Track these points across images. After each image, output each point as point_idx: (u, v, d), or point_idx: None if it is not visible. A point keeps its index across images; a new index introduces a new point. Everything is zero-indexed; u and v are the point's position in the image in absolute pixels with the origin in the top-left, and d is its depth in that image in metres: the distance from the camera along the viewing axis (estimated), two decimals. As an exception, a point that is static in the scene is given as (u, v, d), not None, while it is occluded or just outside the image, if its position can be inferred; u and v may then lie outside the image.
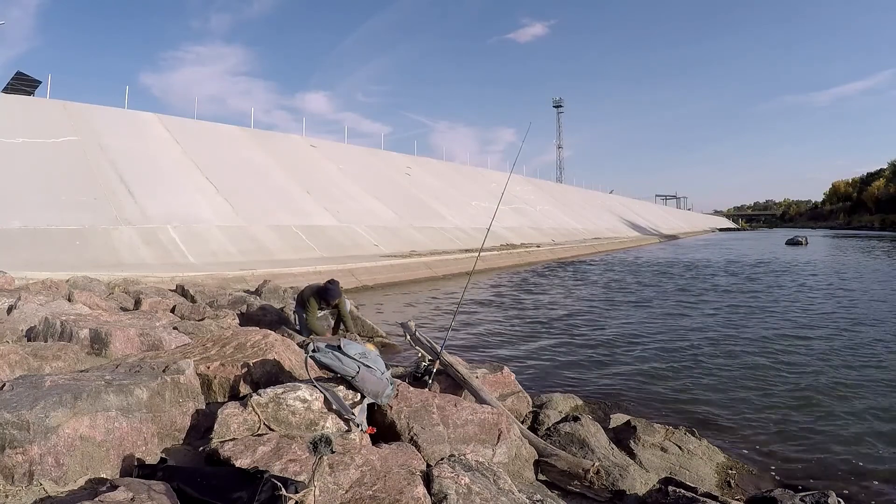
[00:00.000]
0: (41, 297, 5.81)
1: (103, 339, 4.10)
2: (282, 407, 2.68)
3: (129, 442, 2.46)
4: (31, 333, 4.45)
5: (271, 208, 17.73)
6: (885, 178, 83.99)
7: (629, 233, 46.63)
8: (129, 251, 12.13)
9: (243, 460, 2.27)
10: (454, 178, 34.69)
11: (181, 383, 2.89)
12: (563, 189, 56.13)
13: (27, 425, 2.15)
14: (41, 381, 2.53)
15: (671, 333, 7.91)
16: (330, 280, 5.82)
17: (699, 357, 6.48)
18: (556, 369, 6.07)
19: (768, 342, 7.20)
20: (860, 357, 6.38)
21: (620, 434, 3.74)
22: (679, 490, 2.62)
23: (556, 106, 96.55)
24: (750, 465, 3.63)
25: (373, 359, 3.01)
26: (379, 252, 17.05)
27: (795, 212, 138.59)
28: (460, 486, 2.25)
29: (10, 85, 23.14)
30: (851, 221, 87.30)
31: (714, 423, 4.40)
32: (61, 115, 17.37)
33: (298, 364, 3.60)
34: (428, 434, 2.84)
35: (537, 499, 2.50)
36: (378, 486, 2.19)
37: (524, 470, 3.05)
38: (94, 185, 14.52)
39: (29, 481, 2.11)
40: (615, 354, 6.70)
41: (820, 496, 2.54)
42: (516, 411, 3.91)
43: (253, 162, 21.44)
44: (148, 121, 20.53)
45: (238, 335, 3.87)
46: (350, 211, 20.71)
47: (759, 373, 5.76)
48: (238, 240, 14.71)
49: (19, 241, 11.00)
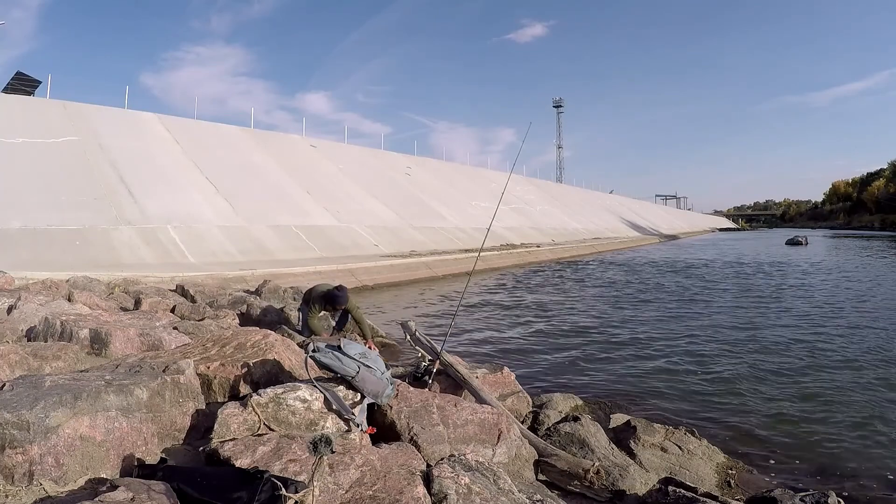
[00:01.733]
0: (41, 297, 5.81)
1: (103, 339, 4.10)
2: (282, 407, 2.68)
3: (129, 442, 2.46)
4: (31, 333, 4.44)
5: (271, 208, 17.74)
6: (885, 178, 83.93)
7: (629, 233, 46.62)
8: (129, 251, 12.13)
9: (243, 460, 2.27)
10: (454, 178, 34.69)
11: (181, 383, 2.89)
12: (563, 189, 56.14)
13: (27, 425, 2.15)
14: (41, 381, 2.53)
15: (671, 333, 7.91)
16: (339, 286, 5.77)
17: (699, 357, 6.48)
18: (556, 369, 6.07)
19: (768, 342, 7.20)
20: (861, 357, 6.38)
21: (620, 434, 3.74)
22: (679, 490, 2.62)
23: (556, 106, 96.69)
24: (750, 465, 3.63)
25: (373, 359, 3.01)
26: (379, 252, 17.05)
27: (795, 212, 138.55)
28: (460, 486, 2.25)
29: (10, 85, 23.15)
30: (851, 221, 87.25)
31: (714, 423, 4.40)
32: (61, 115, 17.37)
33: (298, 364, 3.60)
34: (428, 434, 2.84)
35: (537, 499, 2.50)
36: (378, 486, 2.19)
37: (524, 470, 3.05)
38: (93, 185, 14.52)
39: (29, 481, 2.11)
40: (615, 354, 6.69)
41: (820, 496, 2.54)
42: (516, 411, 3.91)
43: (253, 162, 21.44)
44: (148, 121, 20.53)
45: (238, 335, 3.87)
46: (350, 211, 20.71)
47: (759, 373, 5.76)
48: (238, 240, 14.72)
49: (19, 241, 11.00)
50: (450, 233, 23.08)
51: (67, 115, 17.60)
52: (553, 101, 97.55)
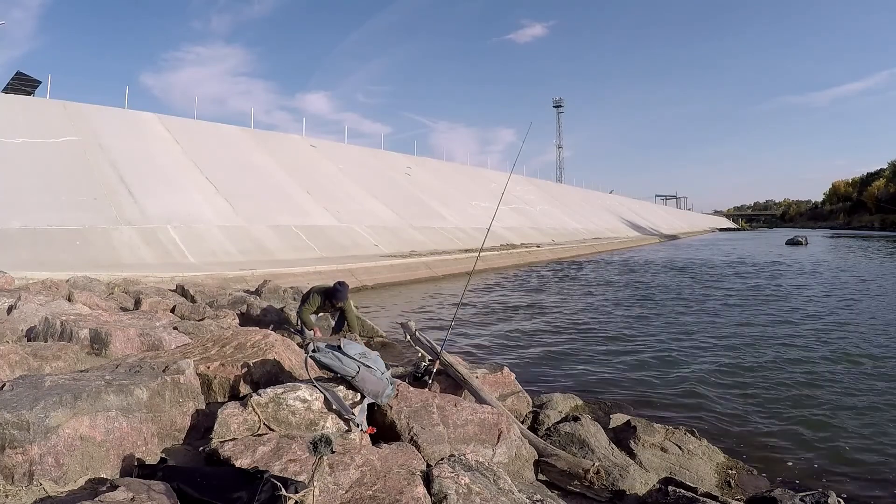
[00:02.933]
0: (41, 297, 5.81)
1: (103, 339, 4.10)
2: (282, 407, 2.68)
3: (129, 442, 2.46)
4: (31, 333, 4.45)
5: (271, 208, 17.74)
6: (885, 178, 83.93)
7: (629, 233, 46.62)
8: (129, 251, 12.13)
9: (243, 460, 2.27)
10: (454, 178, 34.69)
11: (181, 383, 2.89)
12: (562, 189, 56.13)
13: (27, 425, 2.15)
14: (41, 381, 2.53)
15: (671, 333, 7.91)
16: (339, 282, 5.83)
17: (699, 357, 6.48)
18: (557, 369, 6.07)
19: (768, 342, 7.20)
20: (861, 357, 6.38)
21: (620, 434, 3.74)
22: (679, 490, 2.62)
23: (556, 106, 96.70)
24: (750, 465, 3.63)
25: (373, 359, 3.01)
26: (379, 252, 17.05)
27: (795, 212, 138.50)
28: (460, 486, 2.25)
29: (10, 85, 23.14)
30: (851, 221, 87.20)
31: (714, 424, 4.40)
32: (61, 115, 17.37)
33: (298, 364, 3.60)
34: (428, 434, 2.84)
35: (537, 499, 2.50)
36: (378, 486, 2.19)
37: (524, 470, 3.05)
38: (94, 185, 14.52)
39: (29, 481, 2.11)
40: (615, 354, 6.69)
41: (820, 496, 2.54)
42: (516, 411, 3.91)
43: (253, 162, 21.44)
44: (148, 121, 20.53)
45: (238, 335, 3.87)
46: (350, 211, 20.71)
47: (759, 373, 5.76)
48: (238, 240, 14.71)
49: (19, 241, 11.00)
50: (450, 233, 23.08)
51: (67, 115, 17.60)
52: (553, 101, 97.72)
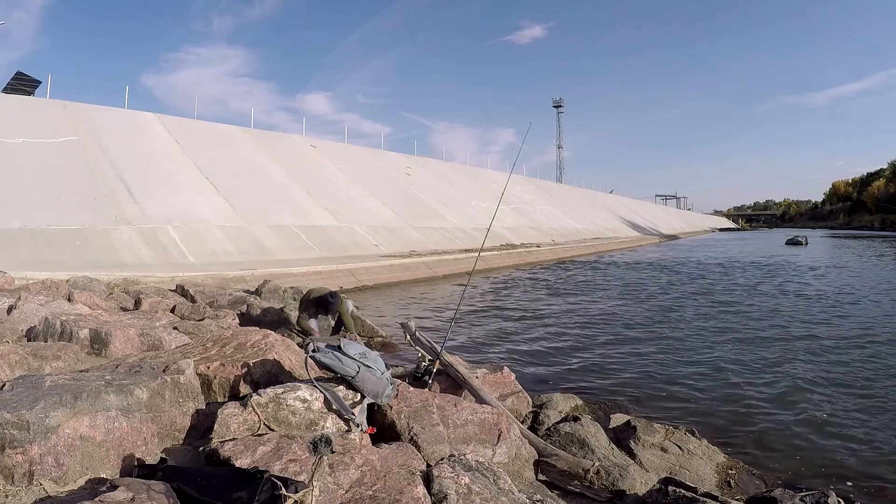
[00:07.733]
0: (41, 297, 5.80)
1: (103, 339, 4.10)
2: (282, 407, 2.67)
3: (129, 442, 2.46)
4: (31, 333, 4.44)
5: (271, 208, 17.73)
6: (885, 178, 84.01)
7: (629, 233, 46.62)
8: (129, 251, 12.13)
9: (243, 460, 2.27)
10: (454, 178, 34.68)
11: (181, 383, 2.89)
12: (562, 189, 56.12)
13: (27, 425, 2.15)
14: (41, 381, 2.53)
15: (671, 333, 7.91)
16: (331, 293, 5.88)
17: (699, 357, 6.48)
18: (556, 369, 6.07)
19: (768, 342, 7.20)
20: (863, 357, 6.38)
21: (620, 434, 3.74)
22: (679, 490, 2.62)
23: (556, 106, 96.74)
24: (750, 465, 3.63)
25: (373, 359, 3.01)
26: (379, 252, 17.05)
27: (795, 212, 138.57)
28: (460, 486, 2.25)
29: (10, 85, 23.15)
30: (851, 221, 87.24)
31: (714, 423, 4.40)
32: (61, 115, 17.36)
33: (298, 364, 3.60)
34: (428, 434, 2.84)
35: (537, 499, 2.50)
36: (378, 486, 2.19)
37: (524, 470, 3.05)
38: (94, 185, 14.52)
39: (29, 481, 2.11)
40: (615, 354, 6.69)
41: (820, 496, 2.54)
42: (516, 411, 3.91)
43: (253, 162, 21.44)
44: (148, 121, 20.53)
45: (238, 335, 3.87)
46: (350, 211, 20.71)
47: (760, 373, 5.76)
48: (238, 240, 14.71)
49: (19, 241, 11.00)
50: (450, 233, 23.08)
51: (67, 114, 17.59)
52: (553, 101, 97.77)
